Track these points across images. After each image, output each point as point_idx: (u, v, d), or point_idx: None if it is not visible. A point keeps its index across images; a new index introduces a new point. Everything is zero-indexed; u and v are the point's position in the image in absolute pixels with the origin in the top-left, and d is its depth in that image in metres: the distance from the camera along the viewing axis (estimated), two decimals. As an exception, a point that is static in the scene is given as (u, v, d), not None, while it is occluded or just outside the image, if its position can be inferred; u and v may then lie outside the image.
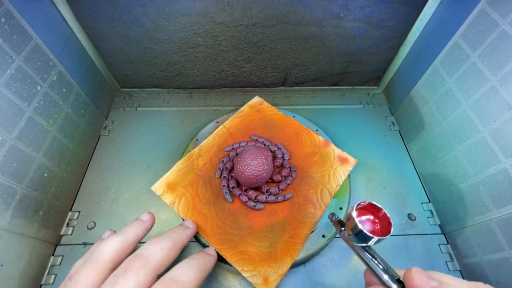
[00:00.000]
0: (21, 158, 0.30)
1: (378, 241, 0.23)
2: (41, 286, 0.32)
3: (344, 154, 0.38)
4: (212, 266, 0.26)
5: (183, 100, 0.51)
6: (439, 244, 0.36)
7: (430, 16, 0.39)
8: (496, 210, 0.30)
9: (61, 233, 0.36)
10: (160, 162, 0.43)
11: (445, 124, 0.36)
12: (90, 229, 0.37)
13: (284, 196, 0.34)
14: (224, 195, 0.34)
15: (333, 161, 0.37)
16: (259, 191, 0.35)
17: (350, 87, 0.53)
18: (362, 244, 0.23)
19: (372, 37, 0.42)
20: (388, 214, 0.24)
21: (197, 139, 0.42)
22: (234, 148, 0.38)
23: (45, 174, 0.34)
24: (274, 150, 0.38)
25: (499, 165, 0.29)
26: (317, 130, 0.43)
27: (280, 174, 0.36)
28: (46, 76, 0.34)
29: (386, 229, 0.23)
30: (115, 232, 0.26)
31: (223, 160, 0.37)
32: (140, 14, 0.37)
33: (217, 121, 0.44)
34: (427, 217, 0.38)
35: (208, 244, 0.31)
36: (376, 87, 0.53)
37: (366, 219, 0.25)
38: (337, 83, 0.51)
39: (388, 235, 0.22)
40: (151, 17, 0.38)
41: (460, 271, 0.34)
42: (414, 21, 0.40)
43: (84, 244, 0.35)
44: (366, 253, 0.23)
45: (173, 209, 0.33)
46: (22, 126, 0.30)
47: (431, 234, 0.37)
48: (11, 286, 0.28)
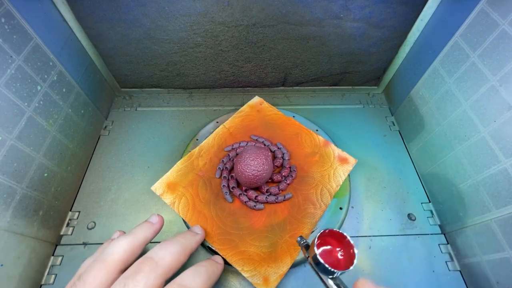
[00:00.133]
0: (21, 158, 0.30)
1: (342, 274, 0.22)
2: (41, 286, 0.32)
3: (344, 154, 0.38)
4: (219, 275, 0.25)
5: (183, 100, 0.51)
6: (439, 244, 0.36)
7: (430, 16, 0.39)
8: (496, 210, 0.30)
9: (61, 233, 0.36)
10: (160, 162, 0.43)
11: (445, 124, 0.36)
12: (90, 229, 0.37)
13: (284, 196, 0.34)
14: (224, 195, 0.34)
15: (333, 161, 0.37)
16: (259, 191, 0.35)
17: (350, 87, 0.53)
18: (328, 276, 0.22)
19: (372, 37, 0.42)
20: (352, 242, 0.23)
21: (197, 139, 0.42)
22: (234, 148, 0.38)
23: (45, 174, 0.34)
24: (274, 150, 0.38)
25: (499, 165, 0.29)
26: (317, 130, 0.43)
27: (280, 174, 0.36)
28: (46, 76, 0.34)
29: (351, 257, 0.22)
30: (124, 233, 0.26)
31: (223, 160, 0.37)
32: (140, 14, 0.37)
33: (217, 121, 0.44)
34: (427, 217, 0.38)
35: (209, 244, 0.31)
36: (376, 87, 0.53)
37: (330, 249, 0.23)
38: (337, 83, 0.51)
39: (352, 266, 0.21)
40: (151, 17, 0.38)
41: (460, 271, 0.34)
42: (414, 21, 0.40)
43: (84, 244, 0.35)
44: (331, 282, 0.22)
45: (173, 209, 0.33)
46: (22, 126, 0.30)
47: (431, 234, 0.37)
48: (11, 286, 0.28)
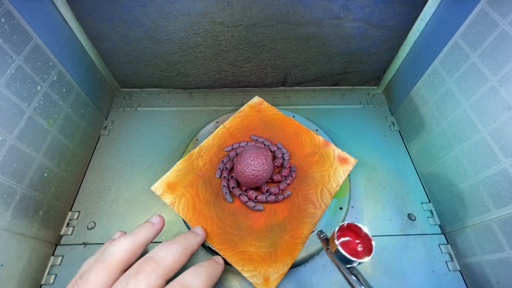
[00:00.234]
0: (21, 158, 0.30)
1: (360, 263, 0.23)
2: (41, 286, 0.32)
3: (344, 154, 0.38)
4: (220, 275, 0.26)
5: (183, 100, 0.51)
6: (439, 244, 0.36)
7: (430, 16, 0.39)
8: (496, 210, 0.30)
9: (61, 233, 0.36)
10: (160, 162, 0.43)
11: (445, 124, 0.36)
12: (90, 229, 0.37)
13: (284, 194, 0.34)
14: (224, 195, 0.34)
15: (333, 161, 0.37)
16: (259, 191, 0.35)
17: (350, 87, 0.53)
18: (347, 265, 0.24)
19: (372, 37, 0.42)
20: (370, 234, 0.24)
21: (197, 139, 0.42)
22: (234, 148, 0.38)
23: (45, 174, 0.34)
24: (274, 150, 0.38)
25: (499, 165, 0.29)
26: (317, 130, 0.43)
27: (280, 174, 0.36)
28: (46, 76, 0.34)
29: (369, 249, 0.24)
30: (125, 233, 0.26)
31: (223, 160, 0.37)
32: (140, 14, 0.37)
33: (217, 121, 0.44)
34: (427, 217, 0.38)
35: (209, 245, 0.31)
36: (376, 87, 0.53)
37: (348, 240, 0.25)
38: (337, 83, 0.51)
39: (371, 255, 0.23)
40: (151, 17, 0.38)
41: (460, 271, 0.34)
42: (414, 21, 0.40)
43: (84, 244, 0.35)
44: (350, 273, 0.23)
45: (173, 209, 0.33)
46: (22, 126, 0.30)
47: (431, 234, 0.37)
48: (11, 286, 0.28)
